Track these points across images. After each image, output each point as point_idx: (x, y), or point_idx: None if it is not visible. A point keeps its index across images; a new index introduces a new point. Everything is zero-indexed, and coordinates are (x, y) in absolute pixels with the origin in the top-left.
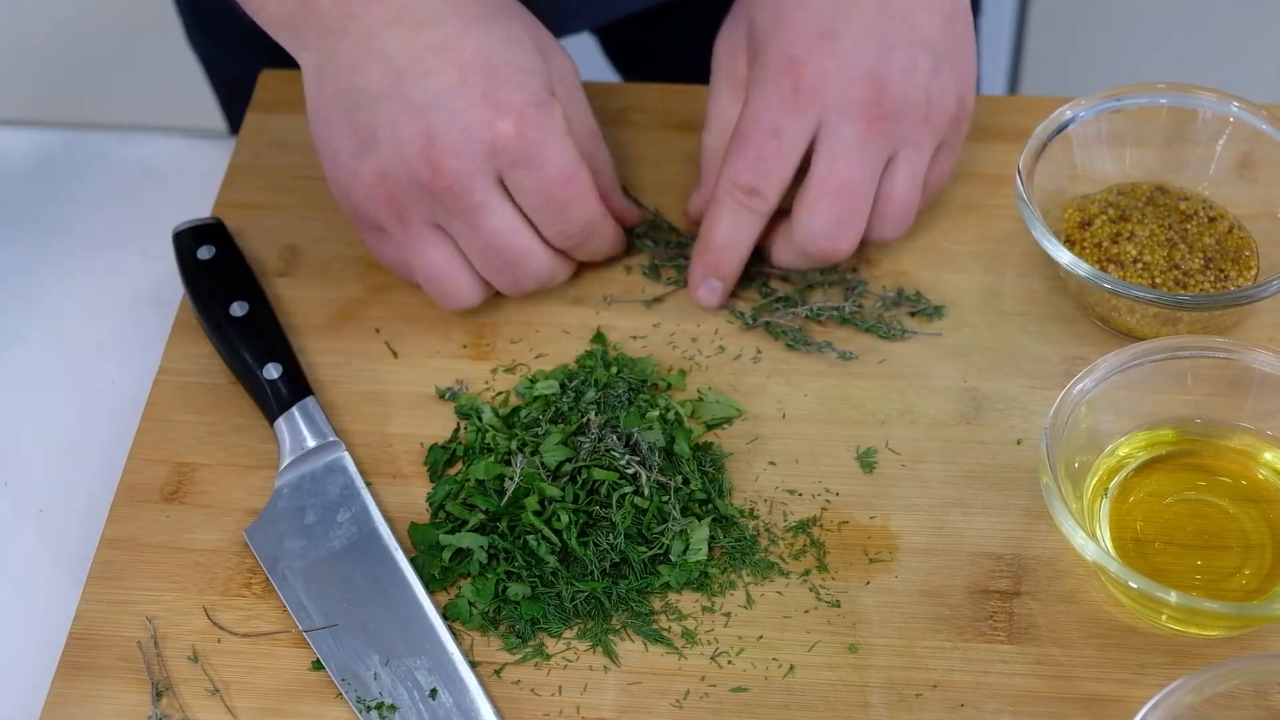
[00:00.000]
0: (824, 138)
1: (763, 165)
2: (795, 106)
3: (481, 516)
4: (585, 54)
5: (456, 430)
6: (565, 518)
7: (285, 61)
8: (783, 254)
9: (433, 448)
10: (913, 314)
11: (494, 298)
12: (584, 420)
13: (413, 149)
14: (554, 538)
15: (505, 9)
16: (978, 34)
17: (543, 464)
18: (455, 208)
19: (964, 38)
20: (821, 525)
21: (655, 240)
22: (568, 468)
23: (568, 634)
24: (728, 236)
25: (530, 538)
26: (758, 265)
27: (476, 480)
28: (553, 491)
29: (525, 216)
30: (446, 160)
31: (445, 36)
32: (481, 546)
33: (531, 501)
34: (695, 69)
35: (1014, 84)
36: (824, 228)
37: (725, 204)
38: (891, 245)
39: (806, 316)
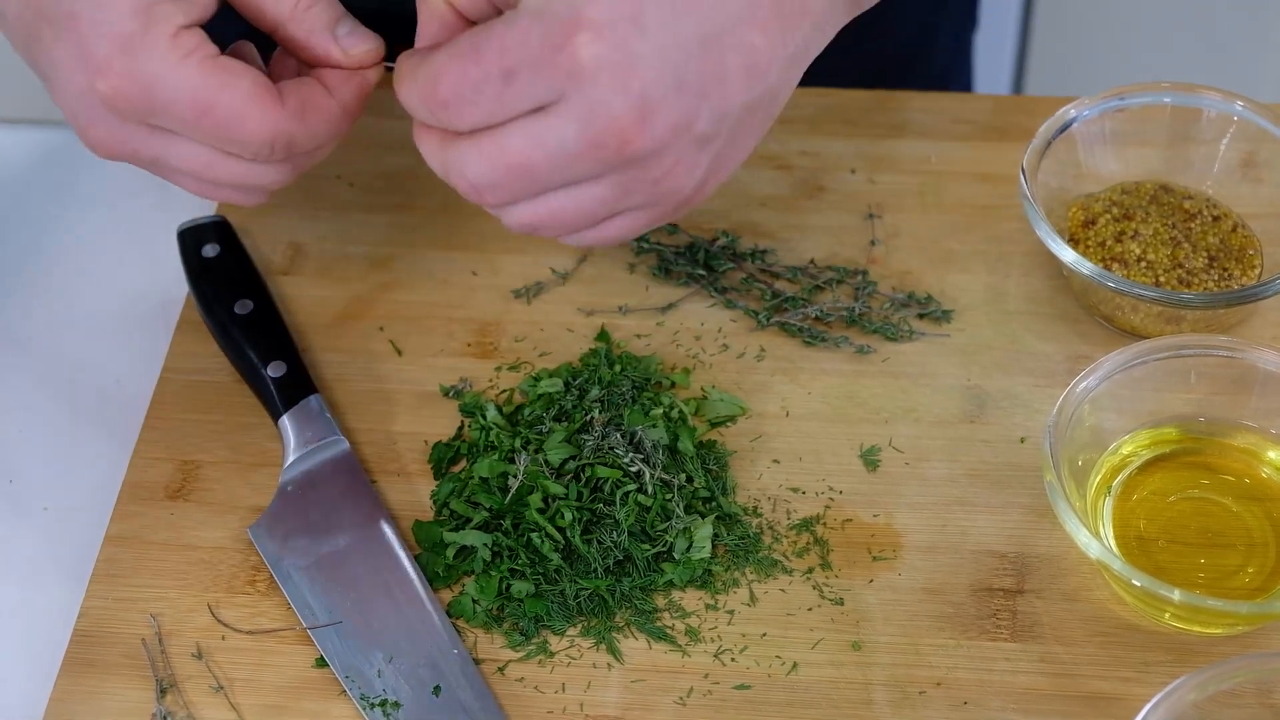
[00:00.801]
0: (546, 117)
1: (473, 99)
2: (549, 69)
3: (485, 514)
4: None
5: (461, 428)
6: (569, 515)
7: None
8: (410, 96)
9: (436, 445)
10: (921, 316)
11: (501, 303)
12: (588, 418)
13: (67, 120)
14: (558, 535)
15: None
16: (977, 43)
17: (546, 462)
18: (142, 165)
19: (754, 130)
20: (825, 523)
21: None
22: (571, 465)
23: (571, 631)
24: (410, 104)
25: (534, 535)
26: (758, 262)
27: (480, 478)
28: (556, 489)
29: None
30: (88, 132)
31: None
32: (485, 544)
33: (535, 499)
34: None
35: (1018, 84)
36: (475, 177)
37: (410, 91)
38: (895, 245)
39: (816, 318)
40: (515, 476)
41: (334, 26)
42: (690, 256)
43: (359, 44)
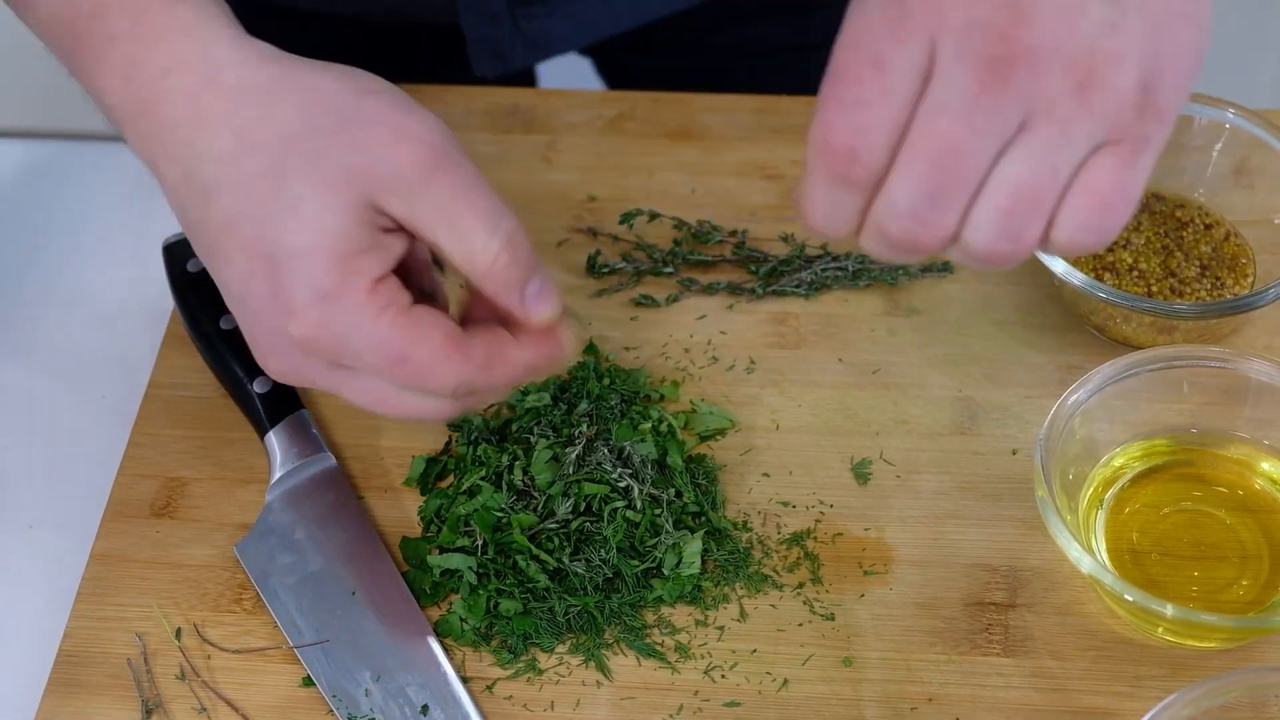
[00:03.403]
0: (932, 79)
1: (861, 111)
2: (902, 26)
3: (468, 541)
4: (577, 71)
5: (448, 444)
6: (556, 540)
7: None
8: (864, 232)
9: (416, 459)
10: (925, 270)
11: None
12: (575, 433)
13: (246, 338)
14: (548, 559)
15: (299, 118)
16: None
17: (534, 481)
18: (314, 387)
19: (1186, 6)
20: (815, 537)
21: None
22: (558, 487)
23: (560, 649)
24: (824, 213)
25: (520, 558)
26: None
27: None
28: (530, 520)
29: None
30: (268, 360)
31: (224, 210)
32: (471, 567)
33: (520, 529)
34: (690, 88)
35: None
36: (910, 203)
37: (816, 173)
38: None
39: (812, 281)
40: (500, 510)
41: (524, 285)
42: (672, 254)
43: (543, 307)
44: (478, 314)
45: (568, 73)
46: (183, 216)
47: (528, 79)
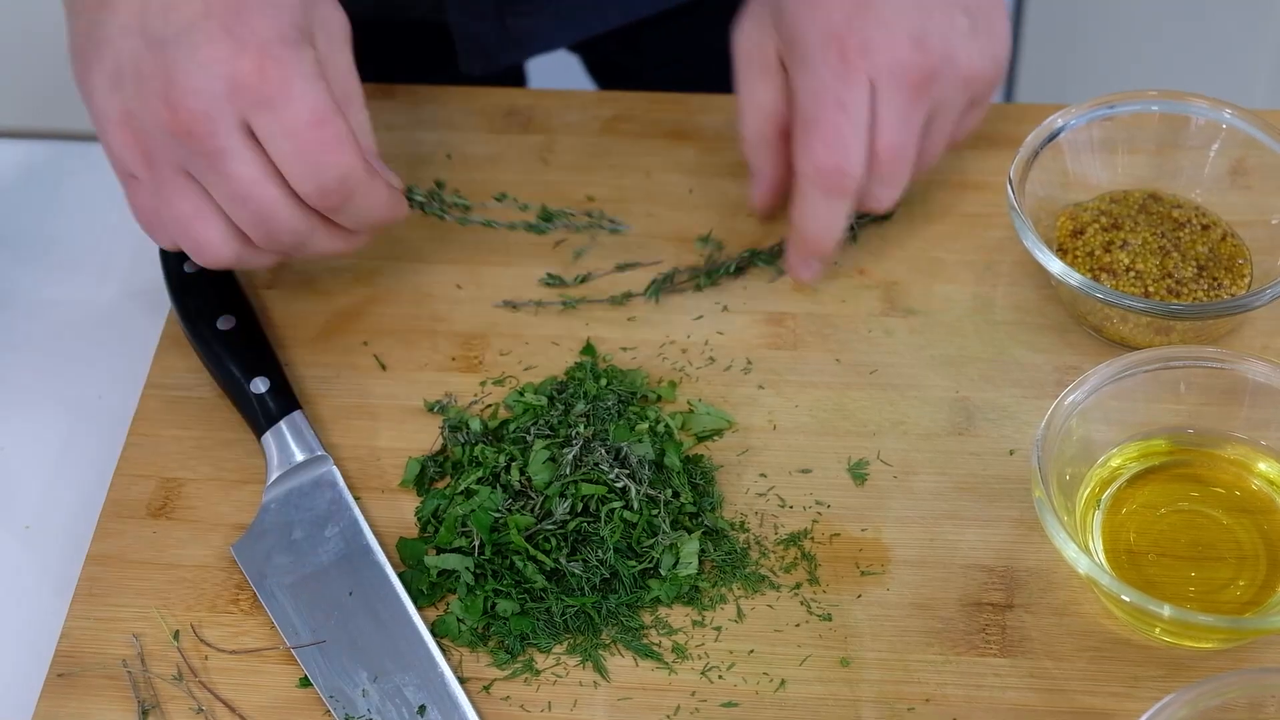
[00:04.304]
0: (877, 105)
1: (840, 142)
2: (848, 75)
3: (466, 541)
4: (568, 70)
5: (445, 446)
6: (553, 541)
7: None
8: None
9: (410, 461)
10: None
11: (486, 316)
12: (572, 434)
13: (153, 87)
14: (545, 559)
15: None
16: None
17: (531, 482)
18: (198, 151)
19: (998, 2)
20: (813, 538)
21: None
22: (556, 488)
23: (557, 649)
24: (824, 224)
25: (517, 558)
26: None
27: (460, 514)
28: (527, 521)
29: (278, 168)
30: (185, 100)
31: None
32: (468, 568)
33: (517, 529)
34: (678, 87)
35: (1010, 92)
36: (890, 198)
37: (813, 193)
38: (883, 255)
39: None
40: (497, 511)
41: (378, 161)
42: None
43: (395, 181)
44: None
45: (557, 72)
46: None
47: (517, 78)
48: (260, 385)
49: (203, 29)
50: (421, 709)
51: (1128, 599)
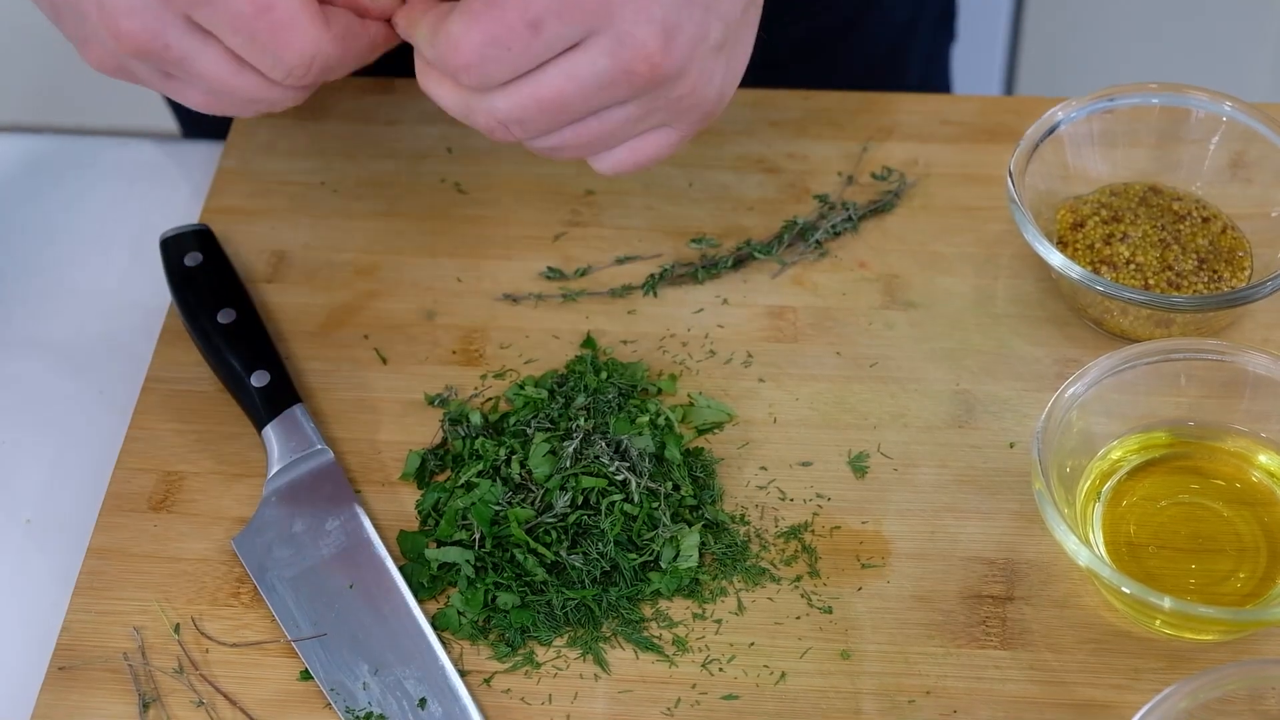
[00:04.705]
0: (577, 54)
1: (500, 56)
2: (574, 11)
3: (466, 534)
4: None
5: (445, 440)
6: (554, 534)
7: None
8: (427, 76)
9: (411, 454)
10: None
11: (487, 310)
12: (572, 427)
13: (94, 22)
14: (546, 552)
15: None
16: (969, 39)
17: (531, 475)
18: (162, 63)
19: (752, 26)
20: (813, 530)
21: None
22: (556, 480)
23: (558, 642)
24: (435, 82)
25: (517, 551)
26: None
27: (461, 507)
28: (527, 514)
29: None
30: (122, 22)
31: None
32: (468, 561)
33: (518, 522)
34: None
35: (1009, 85)
36: (502, 114)
37: (442, 69)
38: (883, 248)
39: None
40: (498, 504)
41: None
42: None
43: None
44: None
45: None
46: None
47: None
48: (261, 379)
49: None
50: (422, 702)
51: (1128, 591)
